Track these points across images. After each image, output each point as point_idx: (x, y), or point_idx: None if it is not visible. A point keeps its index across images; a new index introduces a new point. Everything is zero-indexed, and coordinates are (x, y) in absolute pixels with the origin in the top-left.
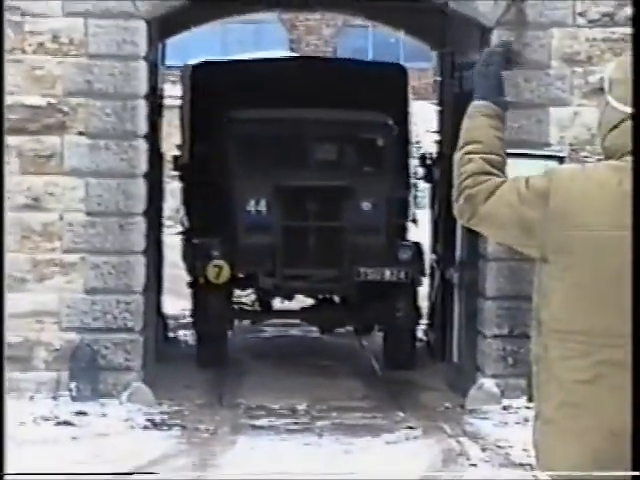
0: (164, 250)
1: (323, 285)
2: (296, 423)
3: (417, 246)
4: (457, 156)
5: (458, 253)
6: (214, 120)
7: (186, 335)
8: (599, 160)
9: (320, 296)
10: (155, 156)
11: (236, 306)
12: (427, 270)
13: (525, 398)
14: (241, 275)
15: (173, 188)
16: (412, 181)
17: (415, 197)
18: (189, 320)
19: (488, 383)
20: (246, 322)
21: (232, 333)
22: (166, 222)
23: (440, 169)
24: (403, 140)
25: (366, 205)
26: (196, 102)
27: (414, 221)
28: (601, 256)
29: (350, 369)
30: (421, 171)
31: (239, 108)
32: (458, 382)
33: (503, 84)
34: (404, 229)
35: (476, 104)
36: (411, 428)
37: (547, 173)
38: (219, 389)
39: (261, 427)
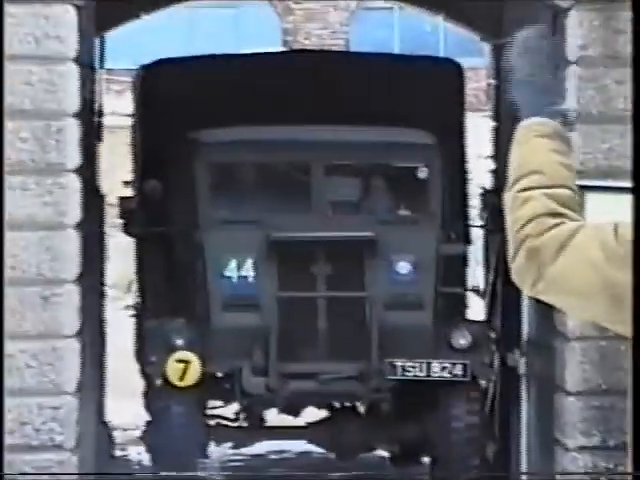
0: (107, 332)
1: (340, 387)
2: None
3: (481, 326)
4: (508, 197)
5: (525, 329)
6: (176, 144)
7: (140, 453)
8: None
9: (336, 404)
10: (92, 198)
11: (211, 421)
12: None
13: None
14: (218, 374)
15: (120, 243)
16: (472, 230)
17: None
18: (144, 431)
19: None
20: (227, 446)
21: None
22: (110, 292)
23: (497, 210)
24: (457, 169)
25: (403, 266)
26: (149, 119)
27: (477, 291)
28: None
29: None
30: (483, 214)
31: (212, 126)
32: None
33: (555, 87)
34: (461, 301)
35: (525, 124)
36: None
37: None
38: None
39: None
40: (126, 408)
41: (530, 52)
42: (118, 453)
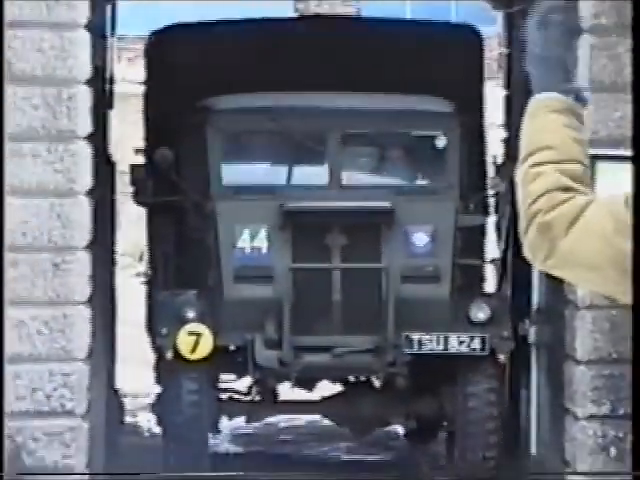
0: (118, 299)
1: (355, 361)
2: None
3: (499, 300)
4: (520, 172)
5: (535, 298)
6: (188, 111)
7: (150, 420)
8: None
9: (351, 378)
10: (103, 166)
11: (223, 395)
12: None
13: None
14: (230, 347)
15: (132, 210)
16: (491, 200)
17: None
18: (154, 404)
19: None
20: (239, 420)
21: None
22: (121, 260)
23: (508, 180)
24: (476, 139)
25: (420, 237)
26: (160, 86)
27: (494, 263)
28: None
29: (386, 465)
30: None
31: (224, 93)
32: None
33: (569, 66)
34: (479, 274)
35: (539, 97)
36: None
37: None
38: None
39: None
40: (137, 375)
41: (548, 25)
42: (128, 420)
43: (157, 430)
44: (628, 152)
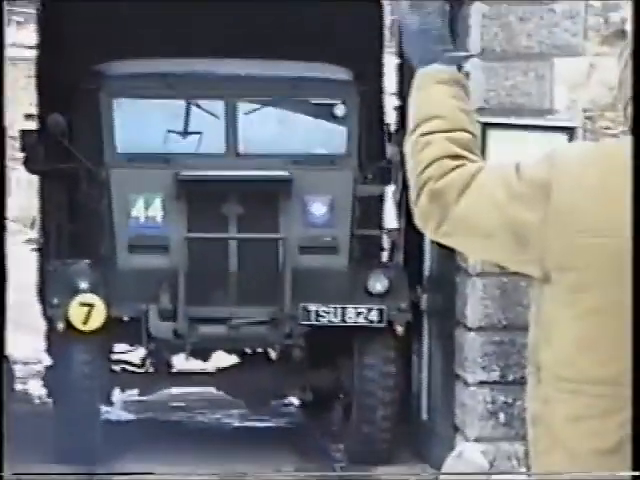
0: (8, 266)
1: (251, 332)
2: None
3: (398, 271)
4: (409, 143)
5: (427, 265)
6: (80, 77)
7: (40, 387)
8: (624, 133)
9: (247, 350)
10: None
11: (117, 367)
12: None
13: (524, 471)
14: (123, 318)
15: (22, 177)
16: (390, 169)
17: None
18: (45, 375)
19: (471, 450)
20: (132, 392)
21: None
22: (11, 226)
23: (401, 148)
24: (375, 107)
25: (318, 207)
26: (51, 51)
27: (392, 232)
28: (626, 273)
29: (279, 431)
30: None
31: (118, 58)
32: (428, 448)
33: (447, 34)
34: (378, 244)
35: (423, 71)
36: None
37: (548, 156)
38: (90, 459)
39: None
40: (27, 342)
41: (418, 5)
42: (18, 387)
43: (47, 398)
44: (519, 120)
